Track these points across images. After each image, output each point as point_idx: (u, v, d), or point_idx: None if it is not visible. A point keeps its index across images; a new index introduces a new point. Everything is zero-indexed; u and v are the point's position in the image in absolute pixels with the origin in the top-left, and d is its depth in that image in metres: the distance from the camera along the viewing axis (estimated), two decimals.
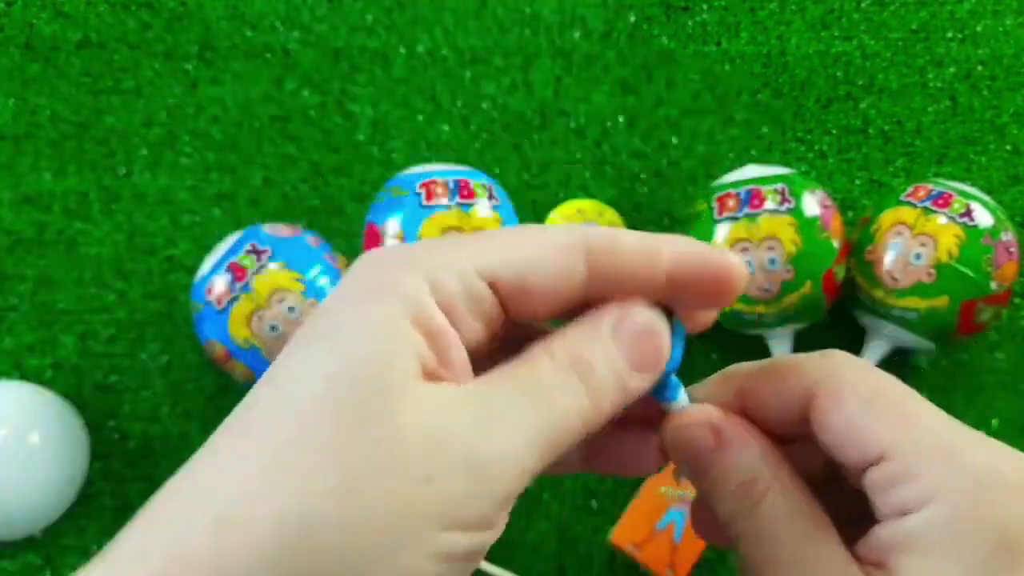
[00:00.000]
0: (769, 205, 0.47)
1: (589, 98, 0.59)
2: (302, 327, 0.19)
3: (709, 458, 0.21)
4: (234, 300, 0.45)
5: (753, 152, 0.58)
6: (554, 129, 0.58)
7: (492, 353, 0.21)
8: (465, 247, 0.19)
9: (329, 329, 0.18)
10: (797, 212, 0.47)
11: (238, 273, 0.45)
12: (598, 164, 0.57)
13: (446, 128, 0.58)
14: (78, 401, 0.52)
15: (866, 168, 0.58)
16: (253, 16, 0.60)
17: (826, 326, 0.51)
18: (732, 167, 0.56)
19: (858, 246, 0.50)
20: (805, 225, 0.46)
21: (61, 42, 0.59)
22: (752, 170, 0.50)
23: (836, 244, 0.47)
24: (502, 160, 0.57)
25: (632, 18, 0.60)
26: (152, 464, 0.51)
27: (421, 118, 0.58)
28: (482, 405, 0.18)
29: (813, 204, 0.47)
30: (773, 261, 0.46)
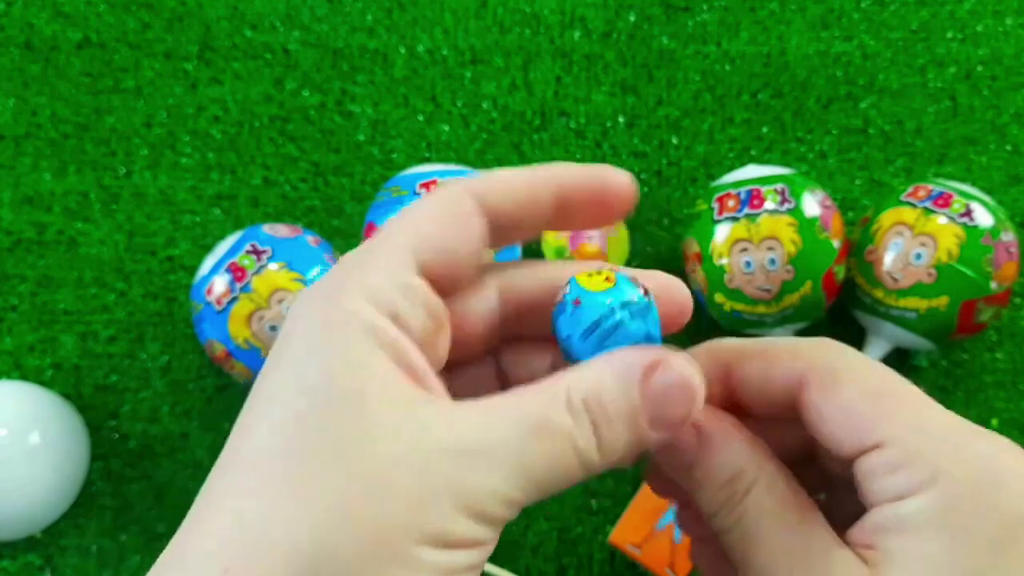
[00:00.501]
0: (769, 205, 0.47)
1: (589, 98, 0.59)
2: (264, 370, 0.18)
3: (692, 456, 0.20)
4: (234, 300, 0.45)
5: (753, 152, 0.58)
6: (554, 129, 0.58)
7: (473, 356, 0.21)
8: (383, 248, 0.19)
9: (295, 371, 0.18)
10: (797, 212, 0.47)
11: (238, 273, 0.45)
12: (598, 164, 0.57)
13: (446, 128, 0.58)
14: (78, 401, 0.52)
15: (866, 168, 0.58)
16: (253, 16, 0.60)
17: (826, 326, 0.51)
18: (732, 167, 0.57)
19: (858, 246, 0.50)
20: (805, 225, 0.46)
21: (61, 42, 0.59)
22: (752, 170, 0.50)
23: (836, 244, 0.47)
24: (502, 160, 0.57)
25: (632, 18, 0.60)
26: (152, 464, 0.51)
27: (421, 118, 0.58)
28: (472, 431, 0.17)
29: (813, 204, 0.47)
30: (773, 261, 0.46)
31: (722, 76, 0.59)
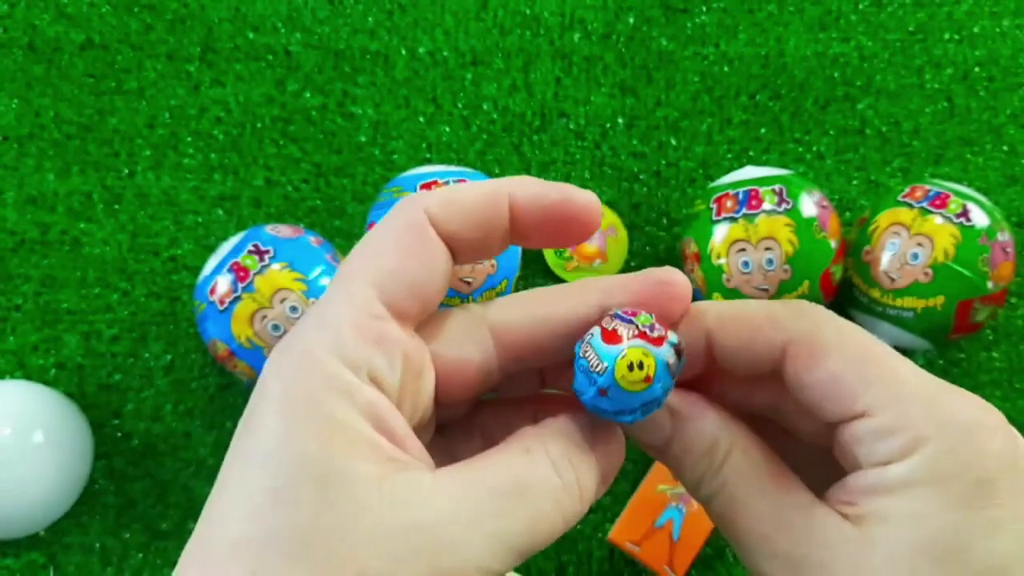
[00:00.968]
0: (767, 206, 0.47)
1: (589, 99, 0.59)
2: (238, 436, 0.18)
3: (669, 434, 0.21)
4: (237, 300, 0.45)
5: (751, 153, 0.58)
6: (554, 130, 0.58)
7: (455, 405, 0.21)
8: (350, 295, 0.19)
9: (266, 448, 0.17)
10: (795, 213, 0.47)
11: (241, 273, 0.46)
12: (597, 165, 0.58)
13: (447, 129, 0.58)
14: (81, 400, 0.52)
15: (863, 169, 0.58)
16: (255, 18, 0.60)
17: None
18: (730, 168, 0.57)
19: (855, 246, 0.50)
20: (803, 225, 0.47)
21: (64, 43, 0.59)
22: (750, 171, 0.50)
23: (833, 244, 0.48)
24: (502, 161, 0.58)
25: (631, 20, 0.61)
26: (155, 463, 0.51)
27: (422, 119, 0.58)
28: (449, 503, 0.17)
29: (810, 205, 0.48)
30: (771, 261, 0.47)
31: (720, 77, 0.60)
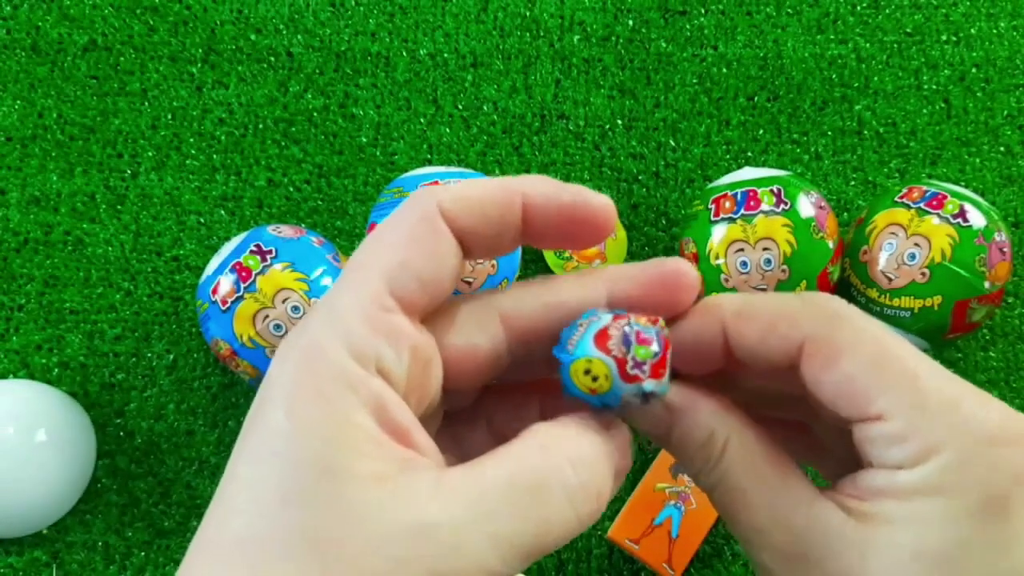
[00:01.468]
0: (765, 206, 0.47)
1: (588, 101, 0.59)
2: (245, 429, 0.18)
3: (667, 426, 0.21)
4: (239, 300, 0.46)
5: (749, 154, 0.58)
6: (553, 131, 0.59)
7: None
8: (360, 286, 0.19)
9: (273, 444, 0.17)
10: (792, 213, 0.47)
11: (243, 273, 0.46)
12: (596, 166, 0.58)
13: (447, 130, 0.58)
14: (84, 399, 0.52)
15: (861, 169, 0.58)
16: (257, 20, 0.60)
17: None
18: (729, 169, 0.57)
19: (853, 247, 0.50)
20: (800, 226, 0.47)
21: (67, 45, 0.59)
22: (748, 172, 0.50)
23: (831, 245, 0.48)
24: (502, 162, 0.58)
25: (630, 22, 0.61)
26: (158, 461, 0.52)
27: (423, 121, 0.59)
28: (456, 502, 0.17)
29: (808, 205, 0.48)
30: (769, 262, 0.47)
31: (719, 79, 0.60)
